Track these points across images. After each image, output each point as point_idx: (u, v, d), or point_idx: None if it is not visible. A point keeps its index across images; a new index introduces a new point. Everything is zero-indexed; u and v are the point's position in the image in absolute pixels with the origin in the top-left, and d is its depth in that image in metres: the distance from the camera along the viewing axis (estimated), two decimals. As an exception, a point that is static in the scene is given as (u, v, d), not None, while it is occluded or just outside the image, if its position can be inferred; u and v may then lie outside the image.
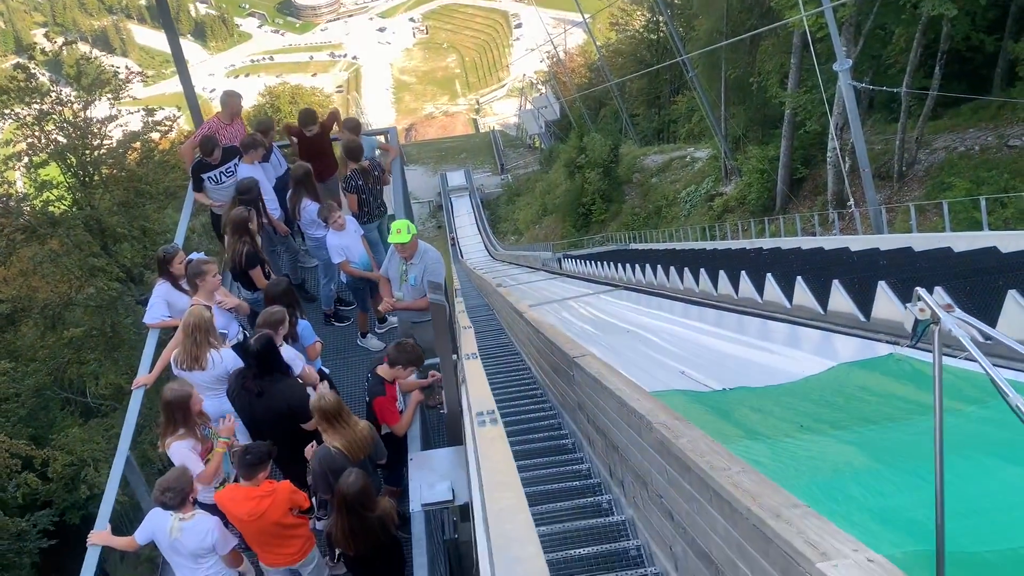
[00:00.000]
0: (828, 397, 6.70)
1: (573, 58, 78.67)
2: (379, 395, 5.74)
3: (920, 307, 2.40)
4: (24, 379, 22.91)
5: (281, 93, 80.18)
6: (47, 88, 22.00)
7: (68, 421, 25.41)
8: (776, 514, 2.50)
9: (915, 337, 2.58)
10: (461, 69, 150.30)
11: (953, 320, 2.28)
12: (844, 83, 16.98)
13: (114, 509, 5.73)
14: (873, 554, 2.12)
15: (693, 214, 36.94)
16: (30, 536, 21.78)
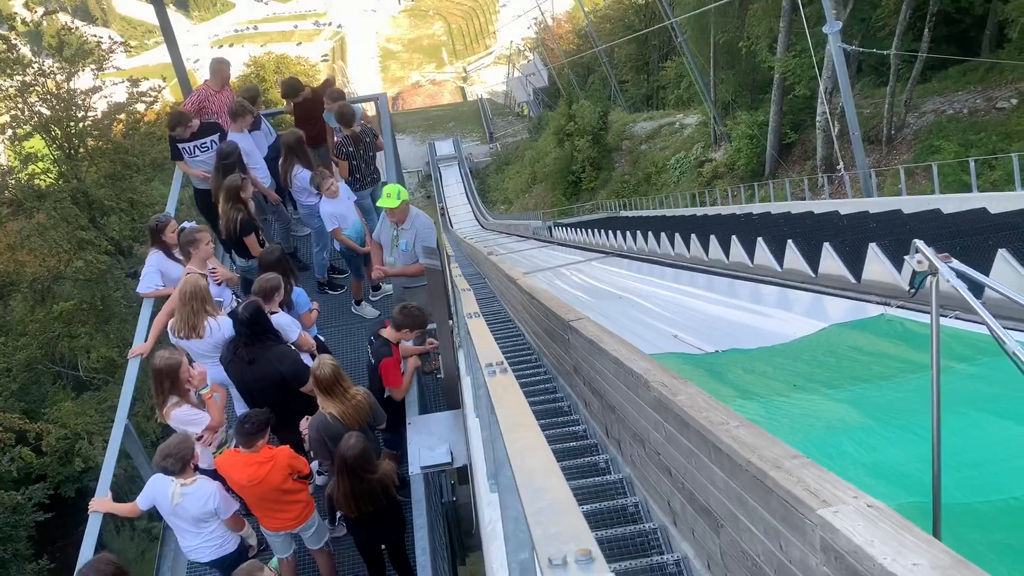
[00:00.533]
0: (820, 357, 6.77)
1: (561, 24, 77.98)
2: (386, 356, 5.77)
3: (918, 259, 2.43)
4: (15, 354, 22.84)
5: (266, 63, 79.26)
6: (29, 59, 21.69)
7: (60, 395, 25.38)
8: (776, 465, 2.54)
9: (913, 288, 2.61)
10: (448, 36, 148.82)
11: (950, 271, 2.31)
12: (834, 46, 16.91)
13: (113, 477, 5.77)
14: (872, 500, 2.16)
15: (683, 181, 36.90)
16: (25, 509, 21.87)
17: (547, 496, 0.94)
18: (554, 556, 0.76)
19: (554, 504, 0.91)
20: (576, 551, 0.76)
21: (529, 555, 1.79)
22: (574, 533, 0.81)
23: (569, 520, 0.85)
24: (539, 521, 0.87)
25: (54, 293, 22.96)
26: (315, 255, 8.57)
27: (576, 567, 0.75)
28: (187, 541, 5.14)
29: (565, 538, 0.80)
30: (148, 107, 23.45)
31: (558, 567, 0.75)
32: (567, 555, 0.76)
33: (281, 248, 6.88)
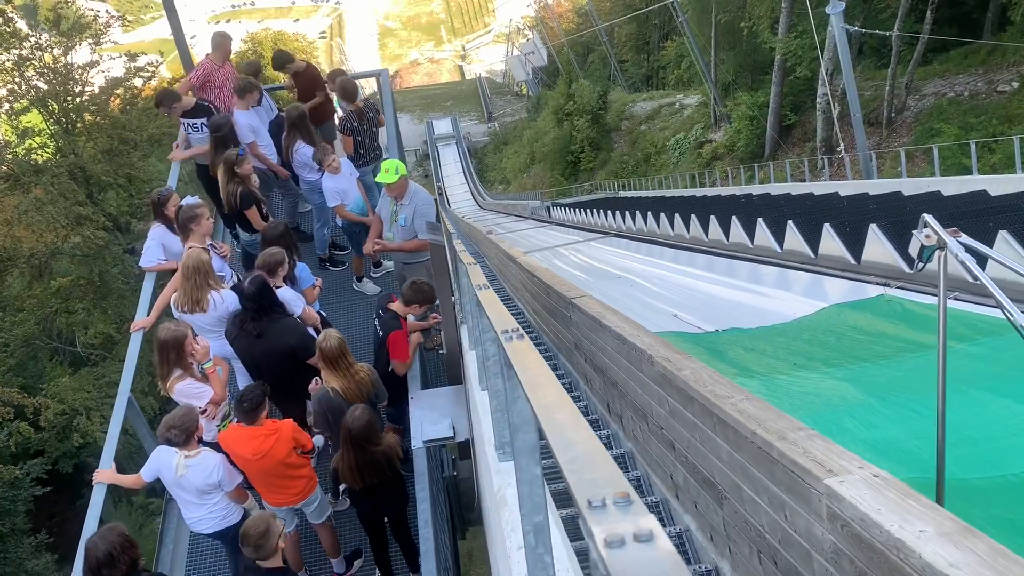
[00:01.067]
0: (820, 336, 6.81)
1: (560, 3, 77.50)
2: (396, 328, 5.81)
3: (926, 233, 2.44)
4: (12, 329, 22.87)
5: (264, 39, 78.78)
6: (26, 33, 21.54)
7: (58, 371, 25.44)
8: (782, 436, 2.57)
9: (921, 262, 2.63)
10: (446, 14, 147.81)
11: (959, 245, 2.32)
12: (836, 26, 16.84)
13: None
14: (878, 470, 2.19)
15: (682, 162, 36.83)
16: (23, 484, 22.00)
17: (578, 447, 0.96)
18: (593, 498, 0.78)
19: (586, 454, 0.93)
20: (614, 494, 0.78)
21: (544, 518, 1.82)
22: (610, 478, 0.83)
23: (604, 467, 0.87)
24: (573, 469, 0.89)
25: (51, 269, 22.95)
26: (316, 231, 8.57)
27: (615, 508, 0.77)
28: (190, 512, 5.18)
29: (602, 483, 0.82)
30: (145, 82, 23.32)
31: (597, 508, 0.77)
32: (605, 497, 0.78)
33: (285, 223, 6.88)
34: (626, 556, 0.67)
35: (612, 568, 0.65)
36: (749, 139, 31.12)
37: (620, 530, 0.70)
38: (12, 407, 17.39)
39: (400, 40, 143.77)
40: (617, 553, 0.68)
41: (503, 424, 2.94)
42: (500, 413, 2.94)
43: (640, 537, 0.69)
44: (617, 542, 0.69)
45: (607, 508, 0.76)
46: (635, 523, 0.72)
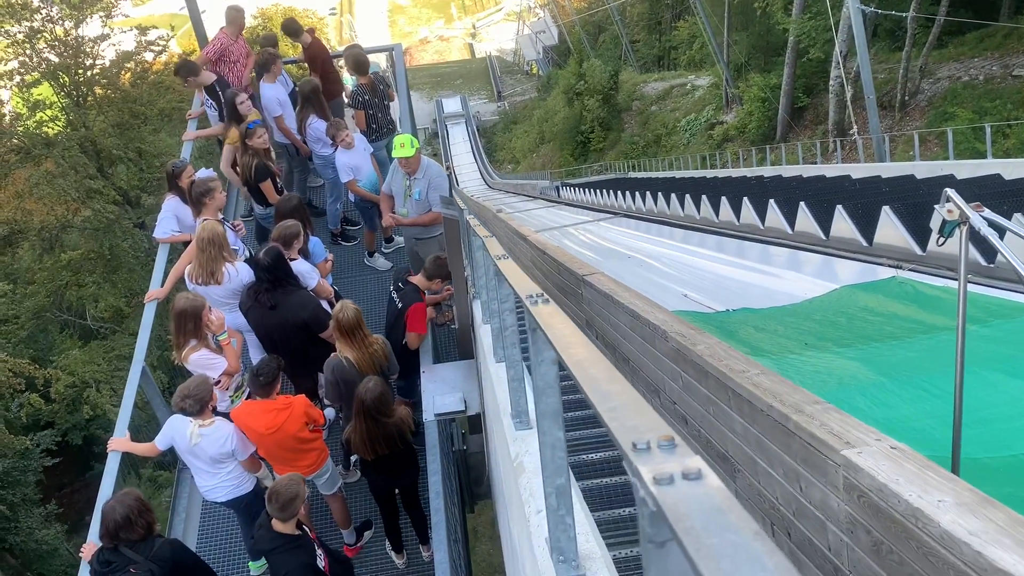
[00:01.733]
0: (831, 317, 6.81)
1: (572, -19, 76.87)
2: (416, 301, 5.83)
3: (948, 208, 2.44)
4: (23, 301, 23.00)
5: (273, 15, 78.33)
6: (36, 5, 21.49)
7: (68, 343, 25.62)
8: (798, 409, 2.58)
9: (942, 237, 2.63)
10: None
11: (981, 220, 2.32)
12: (852, 7, 16.69)
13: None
14: (896, 442, 2.20)
15: (693, 143, 36.66)
16: (33, 455, 22.21)
17: (616, 399, 0.97)
18: (638, 441, 0.80)
19: (625, 403, 0.95)
20: (659, 437, 0.79)
21: (565, 480, 1.83)
22: (652, 424, 0.84)
23: (645, 414, 0.88)
24: (614, 416, 0.91)
25: (62, 242, 23.03)
26: (329, 206, 8.57)
27: (659, 451, 0.78)
28: (204, 481, 5.23)
29: (644, 428, 0.83)
30: (156, 56, 23.27)
31: (642, 451, 0.79)
32: (650, 440, 0.79)
33: (299, 196, 6.89)
34: (676, 492, 0.68)
35: (663, 502, 0.66)
36: (761, 121, 30.94)
37: (668, 469, 0.72)
38: (23, 378, 17.50)
39: (410, 17, 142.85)
40: (667, 489, 0.69)
41: (520, 393, 2.96)
42: (517, 383, 2.96)
43: (689, 475, 0.70)
44: (666, 479, 0.70)
45: (652, 451, 0.77)
46: (682, 463, 0.73)
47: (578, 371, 1.18)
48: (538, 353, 1.79)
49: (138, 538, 4.35)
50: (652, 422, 0.85)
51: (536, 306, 1.76)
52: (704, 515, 0.62)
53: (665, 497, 0.67)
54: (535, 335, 1.79)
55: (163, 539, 4.47)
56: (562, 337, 1.39)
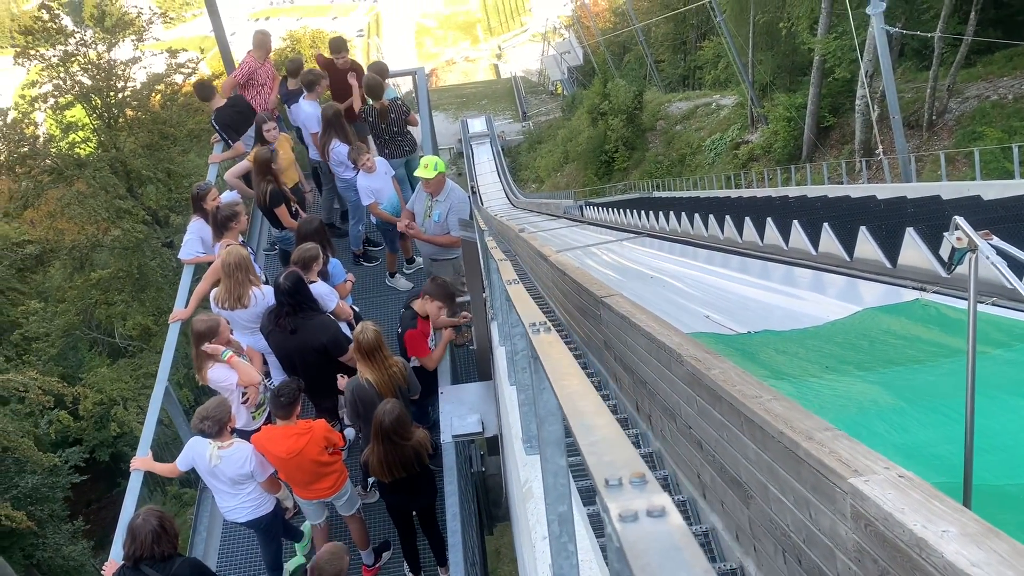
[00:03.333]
0: (853, 340, 6.75)
1: (597, 2, 77.29)
2: (410, 328, 5.86)
3: (957, 236, 2.43)
4: (53, 319, 23.40)
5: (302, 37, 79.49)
6: (71, 30, 22.02)
7: (96, 361, 25.98)
8: (808, 436, 2.57)
9: (952, 265, 2.62)
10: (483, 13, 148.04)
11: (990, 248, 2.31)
12: (877, 27, 16.62)
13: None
14: (904, 471, 2.19)
15: (718, 163, 36.58)
16: (62, 471, 22.48)
17: (598, 432, 0.99)
18: (610, 478, 0.82)
19: (606, 438, 0.97)
20: (631, 474, 0.81)
21: (568, 508, 1.85)
22: (627, 460, 0.86)
23: (622, 450, 0.90)
24: (593, 451, 0.93)
25: (92, 261, 23.45)
26: (351, 227, 8.66)
27: (631, 487, 0.80)
28: (224, 501, 5.28)
29: (620, 464, 0.85)
30: (186, 79, 23.71)
31: (614, 487, 0.81)
32: (622, 477, 0.81)
33: (319, 219, 6.98)
34: (639, 529, 0.70)
35: (625, 540, 0.68)
36: (786, 141, 30.82)
37: (634, 506, 0.74)
38: (52, 396, 17.77)
39: (436, 39, 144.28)
40: (630, 527, 0.71)
41: (530, 418, 2.98)
42: (527, 407, 2.98)
43: (653, 512, 0.72)
44: (631, 517, 0.72)
45: (623, 487, 0.79)
46: (649, 500, 0.75)
47: (567, 403, 1.20)
48: (540, 382, 1.81)
49: (160, 557, 4.40)
50: (628, 459, 0.87)
51: (538, 335, 1.78)
52: (661, 554, 0.64)
53: (628, 534, 0.69)
54: (535, 364, 1.81)
55: (183, 558, 4.51)
56: (557, 367, 1.41)
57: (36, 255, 23.77)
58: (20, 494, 21.36)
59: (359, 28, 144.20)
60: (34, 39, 21.30)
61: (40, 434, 21.57)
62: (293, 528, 6.06)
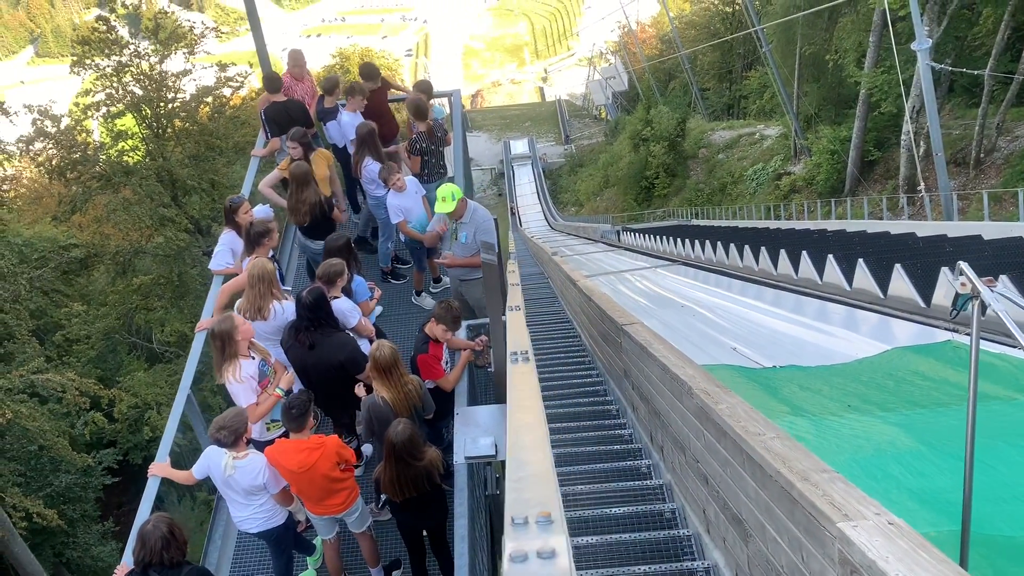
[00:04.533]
0: (879, 379, 6.64)
1: (645, 29, 77.48)
2: (422, 352, 5.89)
3: (961, 281, 2.40)
4: (94, 322, 23.88)
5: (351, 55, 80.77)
6: (126, 41, 22.60)
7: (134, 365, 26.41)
8: (804, 477, 2.55)
9: (955, 310, 2.58)
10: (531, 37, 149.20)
11: (993, 295, 2.27)
12: (922, 64, 16.44)
13: (175, 450, 6.01)
14: (894, 518, 2.15)
15: (759, 193, 36.31)
16: (95, 472, 22.84)
17: (529, 468, 1.00)
18: (517, 516, 0.82)
19: (534, 475, 0.97)
20: (538, 513, 0.81)
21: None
22: (541, 499, 0.86)
23: (541, 489, 0.91)
24: (516, 487, 0.93)
25: (134, 266, 23.91)
26: (380, 244, 8.75)
27: (535, 527, 0.80)
28: (237, 512, 5.33)
29: (533, 503, 0.85)
30: (234, 92, 24.18)
31: (519, 526, 0.81)
32: (528, 516, 0.81)
33: (347, 236, 7.05)
34: (525, 570, 0.71)
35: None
36: (829, 173, 30.51)
37: (527, 547, 0.74)
38: (88, 397, 18.10)
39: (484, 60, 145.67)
40: (518, 567, 0.72)
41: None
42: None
43: (543, 554, 0.73)
44: (520, 557, 0.73)
45: (528, 526, 0.80)
46: (544, 541, 0.75)
47: (512, 435, 1.20)
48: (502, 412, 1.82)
49: (169, 564, 4.45)
50: (543, 498, 0.87)
51: (515, 364, 1.79)
52: (536, 597, 0.64)
53: (513, 573, 0.69)
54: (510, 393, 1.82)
55: (191, 566, 4.55)
56: (518, 398, 1.42)
57: (81, 259, 24.30)
58: (54, 492, 21.75)
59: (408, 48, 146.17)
60: (90, 49, 21.88)
61: (75, 434, 21.96)
62: (305, 542, 6.09)
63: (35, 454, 21.52)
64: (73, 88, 24.21)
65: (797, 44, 33.28)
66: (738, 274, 15.11)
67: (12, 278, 19.05)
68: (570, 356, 9.22)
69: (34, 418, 17.23)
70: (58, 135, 21.29)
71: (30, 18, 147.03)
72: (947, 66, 23.18)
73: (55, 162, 21.60)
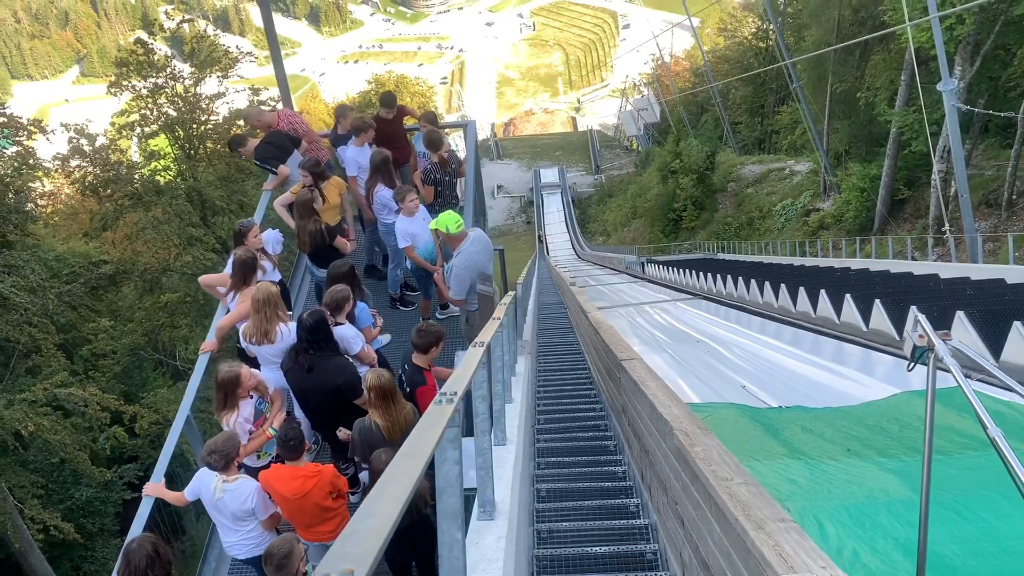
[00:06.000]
0: (883, 424, 6.53)
1: (678, 62, 77.69)
2: (420, 385, 5.87)
3: (919, 333, 2.37)
4: (121, 338, 24.21)
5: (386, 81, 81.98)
6: (163, 63, 23.13)
7: (159, 382, 26.72)
8: (759, 526, 2.52)
9: (912, 362, 2.54)
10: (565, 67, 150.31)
11: (946, 349, 2.24)
12: (948, 104, 16.33)
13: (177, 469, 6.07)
14: (840, 573, 2.12)
15: (787, 228, 36.08)
16: (115, 487, 23.04)
17: (372, 521, 1.00)
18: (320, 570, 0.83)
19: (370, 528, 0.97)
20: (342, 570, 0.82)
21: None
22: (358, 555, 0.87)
23: (366, 544, 0.91)
24: (345, 540, 0.93)
25: (161, 284, 24.25)
26: (390, 271, 8.80)
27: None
28: (226, 536, 5.33)
29: (348, 558, 0.86)
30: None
31: (318, 583, 0.82)
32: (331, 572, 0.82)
33: (351, 263, 7.10)
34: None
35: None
36: (858, 211, 30.25)
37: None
38: (110, 412, 18.32)
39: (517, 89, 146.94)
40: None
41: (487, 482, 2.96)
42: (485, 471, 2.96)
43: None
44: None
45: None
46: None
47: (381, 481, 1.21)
48: (441, 452, 1.82)
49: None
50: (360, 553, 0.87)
51: (438, 405, 1.80)
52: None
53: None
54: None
55: (177, 588, 4.57)
56: (414, 442, 1.43)
57: (110, 275, 24.70)
58: (74, 505, 21.97)
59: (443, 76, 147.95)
60: (127, 71, 22.44)
61: (97, 449, 22.19)
62: (297, 567, 6.08)
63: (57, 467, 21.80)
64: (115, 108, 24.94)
65: (828, 81, 33.19)
66: (757, 310, 15.00)
67: (41, 292, 19.40)
68: (577, 388, 9.19)
69: (56, 431, 17.45)
70: (92, 154, 21.77)
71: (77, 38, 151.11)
72: (980, 107, 22.98)
73: (89, 180, 22.06)
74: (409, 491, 1.16)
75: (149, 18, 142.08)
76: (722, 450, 3.50)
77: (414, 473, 1.21)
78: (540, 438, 6.77)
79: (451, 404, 1.81)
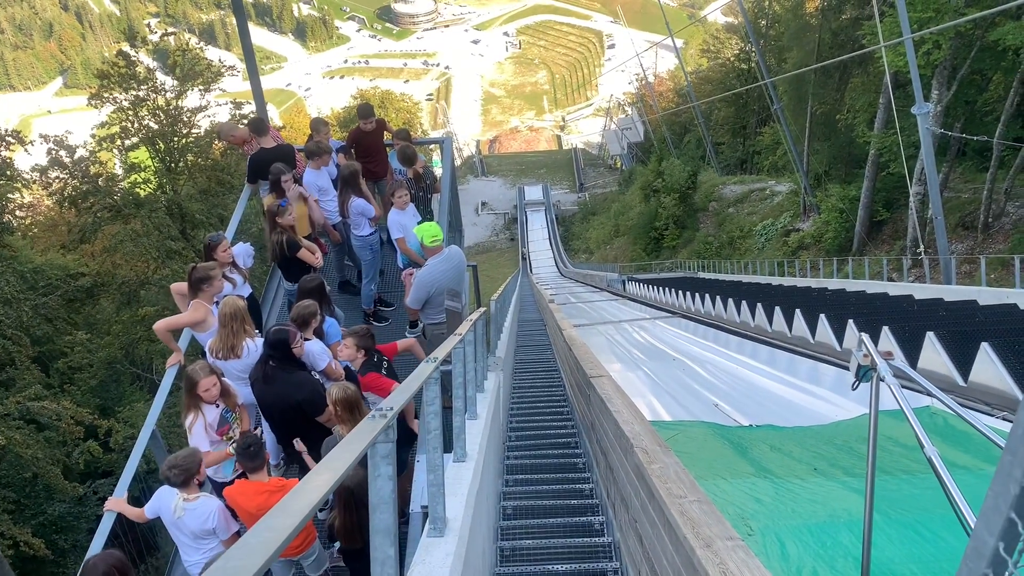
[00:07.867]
0: (852, 443, 6.56)
1: (662, 82, 78.41)
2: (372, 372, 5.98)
3: (864, 353, 2.39)
4: (98, 351, 23.94)
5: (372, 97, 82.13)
6: (144, 75, 23.06)
7: (135, 396, 26.41)
8: (707, 544, 2.51)
9: (857, 381, 2.56)
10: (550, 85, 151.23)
11: (888, 368, 2.26)
12: (922, 127, 16.53)
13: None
14: (780, 592, 2.12)
15: (767, 248, 36.34)
16: (89, 502, 22.70)
17: (266, 535, 0.99)
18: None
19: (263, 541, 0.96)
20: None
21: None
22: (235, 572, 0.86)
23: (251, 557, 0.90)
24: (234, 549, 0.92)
25: (140, 297, 24.04)
26: (363, 286, 8.76)
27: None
28: (187, 555, 5.25)
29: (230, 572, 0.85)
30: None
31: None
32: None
33: (320, 278, 7.06)
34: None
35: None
36: (837, 232, 30.51)
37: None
38: (83, 426, 18.11)
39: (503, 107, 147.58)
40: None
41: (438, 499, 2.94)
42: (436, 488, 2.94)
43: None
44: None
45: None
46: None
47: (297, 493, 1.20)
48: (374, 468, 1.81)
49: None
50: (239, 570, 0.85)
51: (372, 420, 1.79)
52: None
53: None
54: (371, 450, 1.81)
55: (135, 606, 4.50)
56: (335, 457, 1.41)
57: (88, 287, 24.48)
58: (46, 521, 21.60)
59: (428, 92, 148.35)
60: (109, 83, 22.35)
61: (71, 463, 21.90)
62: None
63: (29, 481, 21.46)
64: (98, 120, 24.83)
65: (808, 103, 33.56)
66: (734, 329, 15.06)
67: (16, 304, 19.20)
68: (551, 405, 9.18)
69: (28, 445, 17.22)
70: (72, 166, 21.63)
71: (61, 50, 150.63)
72: (956, 130, 23.28)
73: (68, 192, 21.91)
74: (312, 507, 1.14)
75: (134, 30, 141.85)
76: (679, 468, 3.50)
77: (322, 488, 1.19)
78: (510, 455, 6.75)
79: (384, 419, 1.79)
